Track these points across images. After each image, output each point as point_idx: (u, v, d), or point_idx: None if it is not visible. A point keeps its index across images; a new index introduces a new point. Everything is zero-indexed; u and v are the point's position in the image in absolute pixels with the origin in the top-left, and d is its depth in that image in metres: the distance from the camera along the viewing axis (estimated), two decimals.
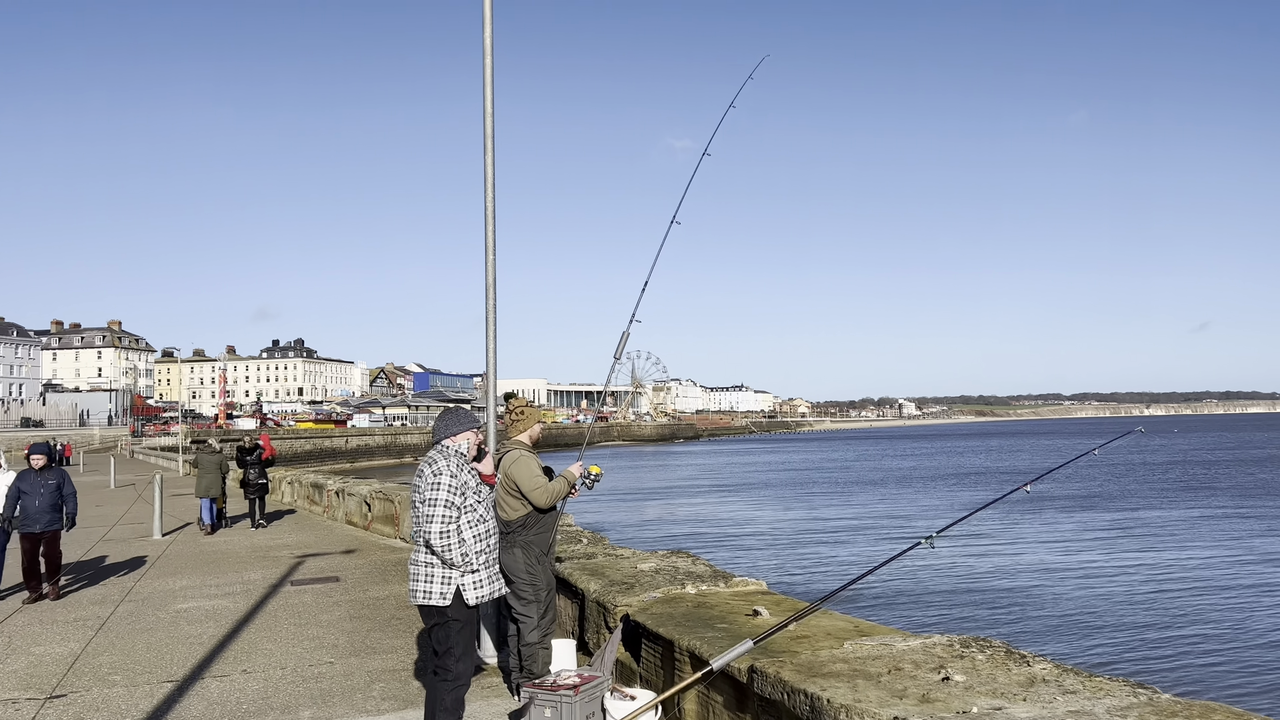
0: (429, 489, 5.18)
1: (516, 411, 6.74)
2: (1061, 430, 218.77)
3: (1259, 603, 20.38)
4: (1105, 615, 19.25)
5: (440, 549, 5.10)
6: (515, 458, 6.47)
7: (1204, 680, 14.60)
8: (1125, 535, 31.72)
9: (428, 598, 5.21)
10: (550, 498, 6.36)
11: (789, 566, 25.54)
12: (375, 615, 10.00)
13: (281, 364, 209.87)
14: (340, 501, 20.21)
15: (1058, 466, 5.08)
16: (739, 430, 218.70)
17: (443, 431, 5.48)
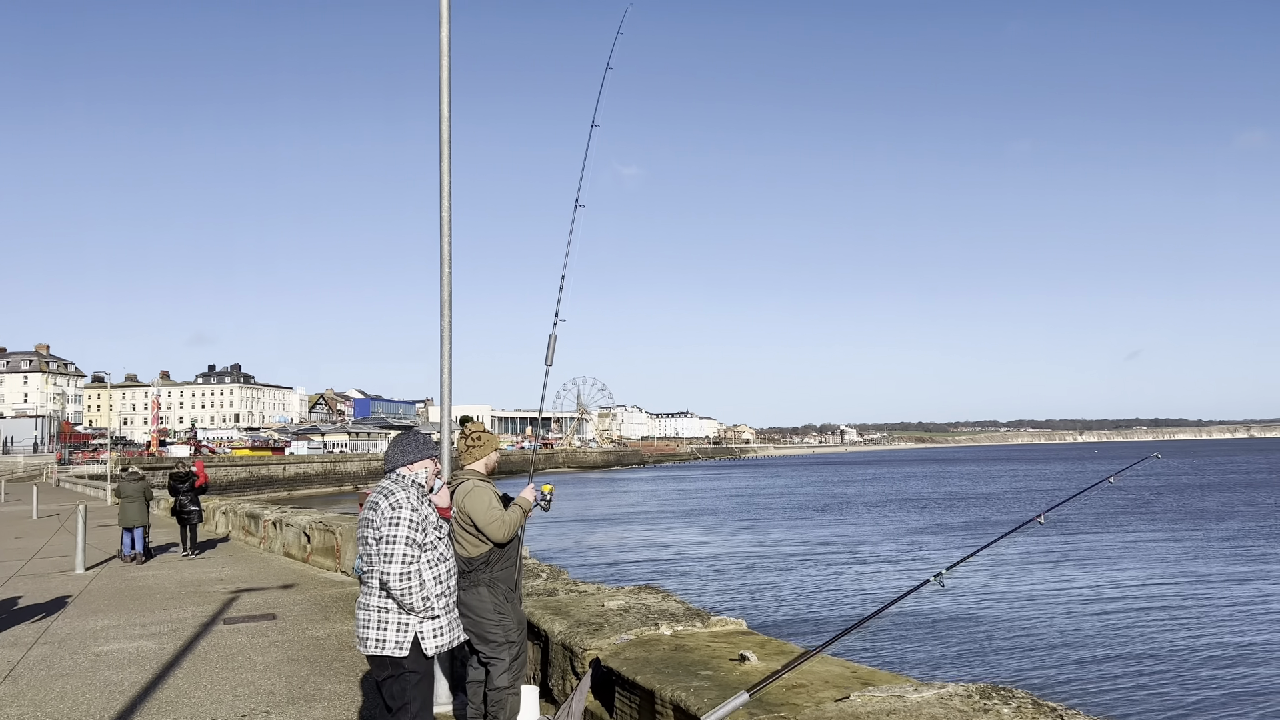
0: (387, 524, 4.59)
1: (473, 437, 6.18)
2: (1001, 456, 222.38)
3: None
4: (1125, 650, 18.30)
5: (400, 592, 4.52)
6: (469, 489, 5.91)
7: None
8: (1136, 562, 30.78)
9: (380, 647, 4.62)
10: (508, 530, 5.81)
11: (762, 600, 24.69)
12: (316, 657, 9.28)
13: (218, 390, 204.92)
14: (278, 532, 19.29)
15: (1073, 496, 4.70)
16: (684, 456, 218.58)
17: (399, 458, 4.89)
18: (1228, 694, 15.62)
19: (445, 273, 7.60)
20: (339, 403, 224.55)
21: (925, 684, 4.26)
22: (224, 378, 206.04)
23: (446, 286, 7.65)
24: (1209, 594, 24.79)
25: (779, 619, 21.54)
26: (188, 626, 11.20)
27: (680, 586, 25.99)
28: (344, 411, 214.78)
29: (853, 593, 25.42)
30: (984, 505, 59.22)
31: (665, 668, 5.19)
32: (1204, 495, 63.16)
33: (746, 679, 4.83)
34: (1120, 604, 23.35)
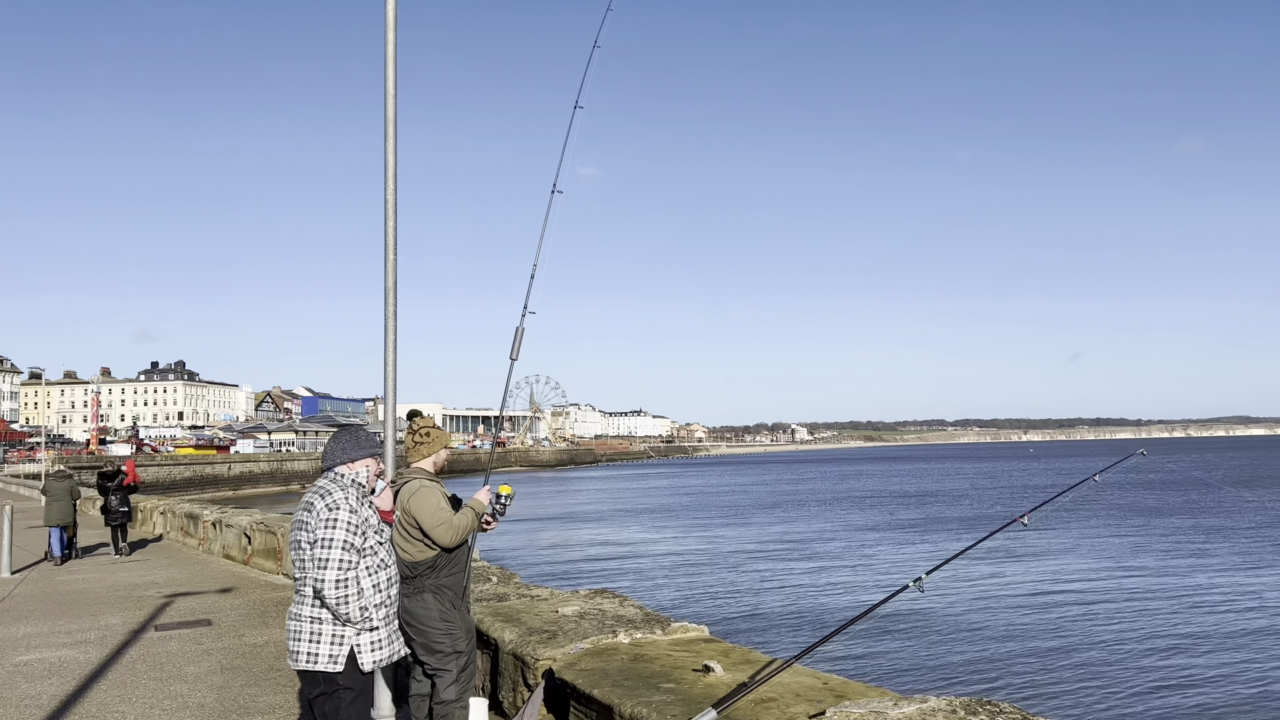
0: (323, 526, 4.18)
1: (421, 433, 5.75)
2: (949, 455, 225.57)
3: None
4: (1112, 657, 17.52)
5: (334, 602, 4.12)
6: (415, 489, 5.49)
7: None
8: (1123, 563, 29.80)
9: (313, 661, 4.20)
10: (457, 535, 5.40)
11: (721, 603, 24.05)
12: (252, 666, 8.78)
13: (161, 387, 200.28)
14: (217, 533, 18.59)
15: (1058, 495, 4.44)
16: (637, 455, 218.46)
17: (337, 456, 4.48)
18: (1235, 702, 14.91)
19: (390, 259, 7.15)
20: (286, 401, 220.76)
21: (905, 698, 3.96)
22: (167, 375, 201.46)
23: (391, 274, 7.20)
24: (1211, 596, 23.96)
25: (741, 624, 20.93)
26: (116, 634, 10.61)
27: (636, 589, 25.30)
28: (291, 410, 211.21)
29: (815, 595, 24.92)
30: (936, 503, 59.69)
31: (624, 680, 4.83)
32: (1196, 493, 62.12)
33: (712, 692, 4.50)
34: (1107, 607, 22.56)
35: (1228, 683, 15.99)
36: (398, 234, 7.37)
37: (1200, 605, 22.72)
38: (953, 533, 40.14)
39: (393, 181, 7.37)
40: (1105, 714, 14.20)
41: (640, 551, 35.30)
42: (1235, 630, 19.93)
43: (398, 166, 7.40)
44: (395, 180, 7.38)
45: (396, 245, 7.33)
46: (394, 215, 7.33)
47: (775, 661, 5.11)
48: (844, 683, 4.59)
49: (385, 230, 7.27)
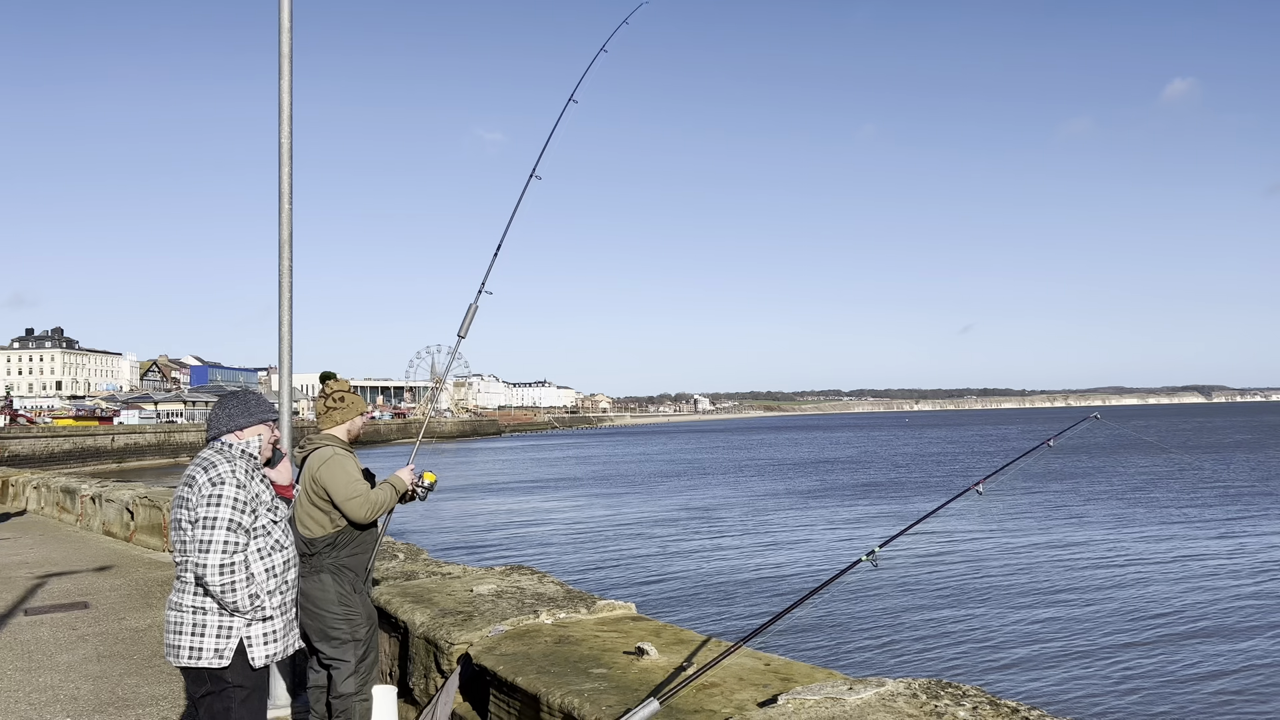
0: (204, 504, 3.69)
1: (334, 397, 5.19)
2: (844, 424, 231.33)
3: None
4: (1075, 632, 16.51)
5: (219, 589, 3.62)
6: (327, 457, 4.96)
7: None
8: (1079, 531, 28.81)
9: (196, 657, 3.69)
10: (372, 510, 4.90)
11: (643, 576, 22.95)
12: (133, 652, 8.08)
13: (37, 355, 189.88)
14: (97, 509, 17.43)
15: (1012, 462, 4.20)
16: (542, 426, 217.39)
17: (224, 423, 3.95)
18: (1200, 681, 13.90)
19: (285, 209, 6.54)
20: (173, 370, 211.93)
21: (859, 681, 3.67)
22: (44, 342, 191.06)
23: (286, 225, 6.59)
24: (1182, 566, 22.74)
25: (665, 599, 19.92)
26: None
27: (551, 564, 24.40)
28: (179, 379, 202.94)
29: (740, 567, 24.01)
30: (839, 470, 60.74)
31: (550, 666, 4.44)
32: (1149, 458, 61.26)
33: (648, 678, 4.15)
34: (1070, 579, 21.35)
35: (1202, 660, 15.00)
36: (293, 183, 6.75)
37: (1171, 575, 21.69)
38: (872, 500, 40.55)
39: (288, 125, 6.73)
40: (1074, 694, 13.42)
41: (550, 524, 34.60)
42: (1209, 601, 18.88)
43: (293, 109, 6.77)
44: (291, 123, 6.74)
45: (292, 194, 6.71)
46: (289, 161, 6.71)
47: (711, 641, 4.79)
48: (787, 663, 4.30)
49: (280, 177, 6.64)
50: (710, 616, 18.10)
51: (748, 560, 24.73)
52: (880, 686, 3.56)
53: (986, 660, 14.89)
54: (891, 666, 14.17)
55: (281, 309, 6.18)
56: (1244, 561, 23.33)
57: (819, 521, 32.87)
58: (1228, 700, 13.15)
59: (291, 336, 6.12)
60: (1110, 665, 14.77)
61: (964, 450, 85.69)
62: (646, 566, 24.32)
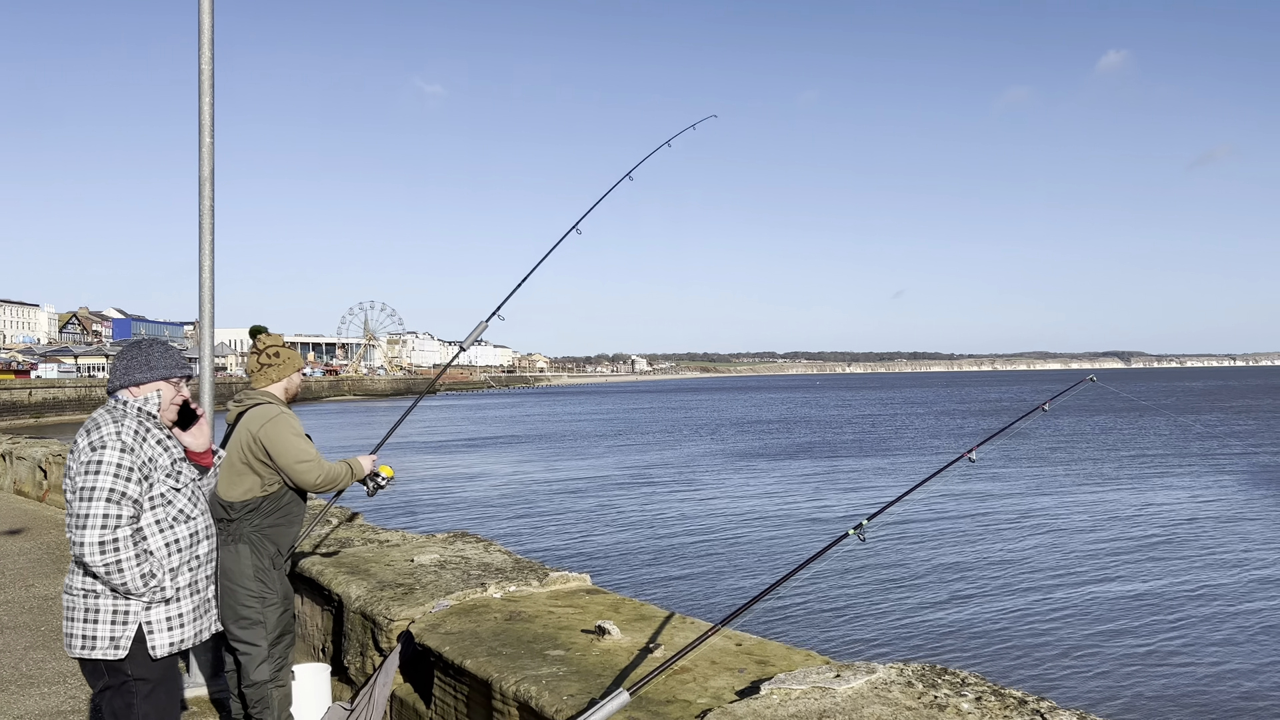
0: (82, 472, 3.21)
1: (269, 353, 4.65)
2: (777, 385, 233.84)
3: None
4: (1077, 614, 15.07)
5: (102, 569, 3.17)
6: (272, 415, 4.43)
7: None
8: (1075, 502, 26.72)
9: (90, 647, 3.24)
10: (323, 479, 4.40)
11: (590, 542, 21.70)
12: (40, 624, 7.49)
13: None
14: (8, 467, 16.51)
15: (1006, 427, 3.91)
16: (478, 385, 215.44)
17: (119, 377, 3.45)
18: (1222, 672, 12.53)
19: (205, 142, 5.93)
20: (95, 323, 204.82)
21: (846, 666, 3.35)
22: None
23: (208, 161, 5.98)
24: (1191, 542, 20.79)
25: (619, 568, 18.76)
26: None
27: (497, 531, 23.17)
28: (101, 332, 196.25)
29: (696, 532, 22.94)
30: (781, 431, 61.04)
31: (502, 646, 4.04)
32: (1148, 420, 58.76)
33: (611, 661, 3.78)
34: (1069, 555, 19.59)
35: (1211, 649, 13.50)
36: (214, 114, 6.14)
37: (1180, 552, 19.70)
38: (828, 463, 40.12)
39: (208, 49, 6.10)
40: (1082, 681, 12.20)
41: (491, 486, 33.71)
42: (1223, 583, 17.15)
43: (214, 31, 6.14)
44: (212, 48, 6.11)
45: (214, 127, 6.10)
46: (210, 90, 6.08)
47: (675, 617, 4.44)
48: (760, 643, 3.97)
49: (200, 107, 6.03)
50: (671, 588, 17.09)
51: (707, 527, 23.66)
52: (871, 673, 3.24)
53: (978, 643, 13.66)
54: (874, 648, 13.12)
55: (202, 252, 5.61)
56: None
57: (779, 486, 32.12)
58: (1257, 691, 11.86)
59: (213, 283, 5.56)
60: (1121, 648, 13.42)
61: (928, 412, 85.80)
62: (597, 533, 23.19)
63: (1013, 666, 12.59)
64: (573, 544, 21.77)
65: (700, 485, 32.70)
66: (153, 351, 3.53)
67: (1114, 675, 12.42)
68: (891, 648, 13.20)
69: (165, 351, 3.55)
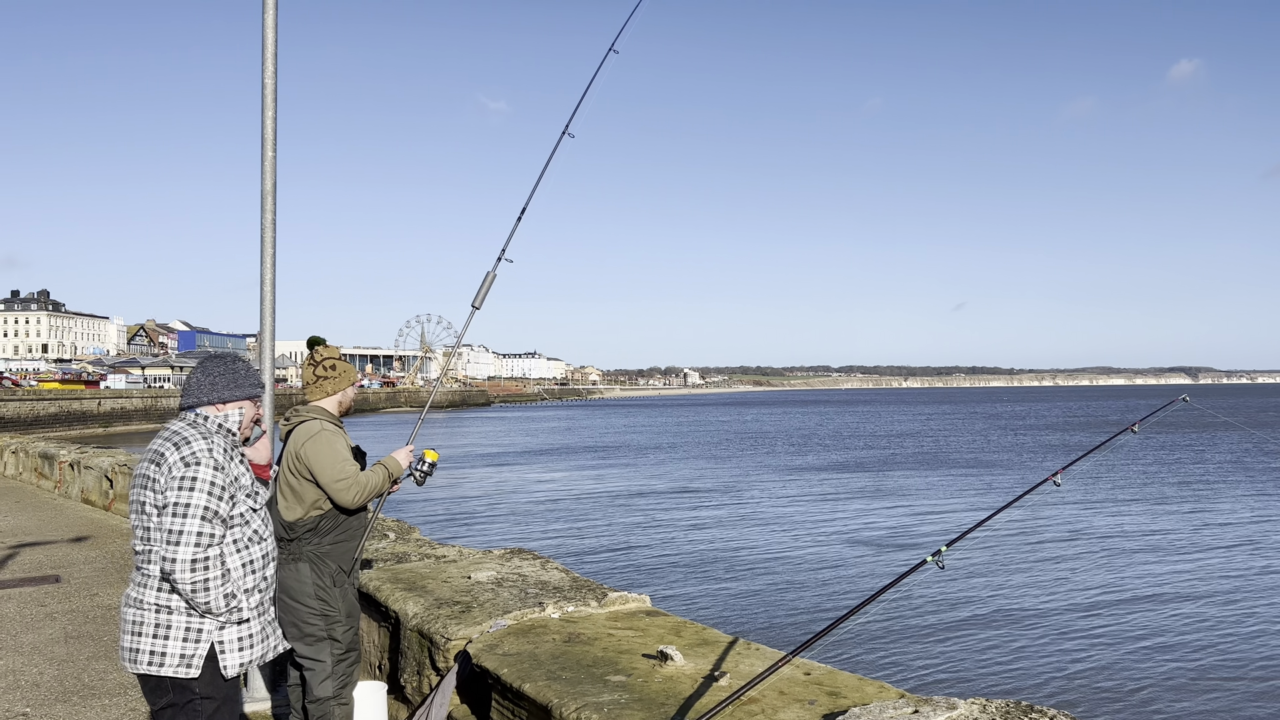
0: (175, 487, 3.13)
1: (325, 365, 4.61)
2: (835, 400, 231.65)
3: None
4: (1174, 651, 13.94)
5: (189, 587, 3.09)
6: (314, 432, 4.39)
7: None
8: (1170, 529, 24.92)
9: (158, 663, 3.15)
10: (362, 494, 4.35)
11: (649, 562, 20.85)
12: (103, 633, 7.57)
13: (22, 317, 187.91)
14: (75, 475, 16.88)
15: (1094, 448, 3.70)
16: (531, 397, 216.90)
17: (205, 393, 3.37)
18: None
19: (268, 156, 5.96)
20: (161, 335, 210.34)
21: (924, 700, 3.17)
22: (30, 305, 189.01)
23: (270, 175, 6.01)
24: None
25: (675, 587, 18.05)
26: None
27: (553, 546, 22.65)
28: (166, 344, 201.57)
29: (750, 548, 22.14)
30: (842, 446, 60.28)
31: (561, 670, 3.93)
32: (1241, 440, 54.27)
33: (675, 689, 3.64)
34: (1163, 586, 18.20)
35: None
36: (277, 128, 6.17)
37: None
38: (909, 483, 39.27)
39: (272, 64, 6.13)
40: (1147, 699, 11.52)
41: (546, 499, 33.29)
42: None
43: (278, 47, 6.17)
44: (275, 62, 6.14)
45: (276, 141, 6.12)
46: (273, 104, 6.11)
47: (739, 643, 4.29)
48: (830, 673, 3.80)
49: (263, 121, 6.06)
50: (731, 611, 16.27)
51: (768, 546, 22.56)
52: (951, 710, 3.07)
53: (1060, 680, 12.64)
54: (948, 682, 12.31)
55: (264, 265, 5.62)
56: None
57: (842, 504, 30.88)
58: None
59: (274, 295, 5.57)
60: (1228, 692, 12.31)
61: (1000, 428, 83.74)
62: (653, 550, 22.39)
63: (1099, 705, 11.72)
64: (628, 561, 21.17)
65: (758, 502, 31.83)
66: (237, 369, 3.46)
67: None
68: (967, 683, 12.36)
69: (248, 370, 3.49)
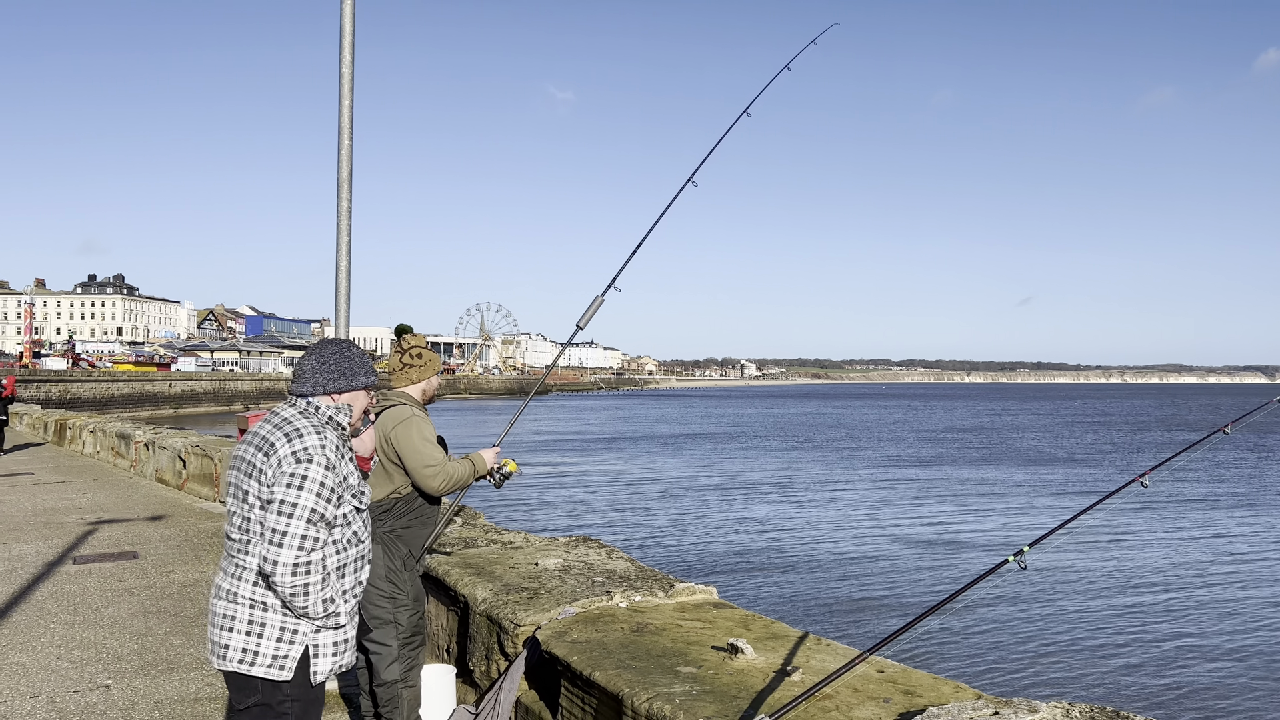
0: (284, 483, 2.95)
1: (412, 353, 4.69)
2: (896, 394, 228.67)
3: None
4: (1241, 653, 13.51)
5: (289, 591, 2.94)
6: (404, 417, 4.47)
7: None
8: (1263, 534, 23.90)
9: (249, 662, 3.00)
10: (447, 482, 4.43)
11: (714, 553, 20.51)
12: (179, 609, 7.79)
13: (98, 301, 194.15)
14: (150, 455, 17.39)
15: (1184, 449, 3.57)
16: (588, 386, 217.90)
17: (322, 380, 3.15)
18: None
19: (345, 144, 6.05)
20: (230, 319, 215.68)
21: (1004, 702, 3.11)
22: (105, 289, 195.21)
23: (346, 163, 6.09)
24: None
25: (741, 580, 17.78)
26: (29, 566, 9.52)
27: (616, 535, 22.43)
28: (235, 329, 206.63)
29: (816, 541, 21.86)
30: (912, 440, 59.44)
31: (631, 659, 3.94)
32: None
33: (746, 682, 3.63)
34: (1237, 589, 17.69)
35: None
36: (354, 118, 6.25)
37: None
38: (948, 470, 39.32)
39: (349, 53, 6.21)
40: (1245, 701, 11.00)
41: (606, 487, 33.08)
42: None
43: (355, 35, 6.25)
44: (352, 51, 6.22)
45: (353, 130, 6.21)
46: (350, 93, 6.19)
47: (809, 638, 4.26)
48: (904, 671, 3.75)
49: (340, 110, 6.14)
50: (798, 605, 15.83)
51: (836, 540, 22.15)
52: (1034, 713, 3.00)
53: (1141, 684, 12.19)
54: (1026, 684, 11.93)
55: (339, 252, 5.71)
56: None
57: (911, 498, 30.31)
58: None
59: (349, 282, 5.66)
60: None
61: (1067, 425, 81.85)
62: (717, 542, 22.20)
63: (1182, 712, 11.27)
64: (691, 553, 20.93)
65: (822, 497, 31.36)
66: (353, 356, 3.24)
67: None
68: (1047, 686, 11.92)
69: (363, 358, 3.26)
